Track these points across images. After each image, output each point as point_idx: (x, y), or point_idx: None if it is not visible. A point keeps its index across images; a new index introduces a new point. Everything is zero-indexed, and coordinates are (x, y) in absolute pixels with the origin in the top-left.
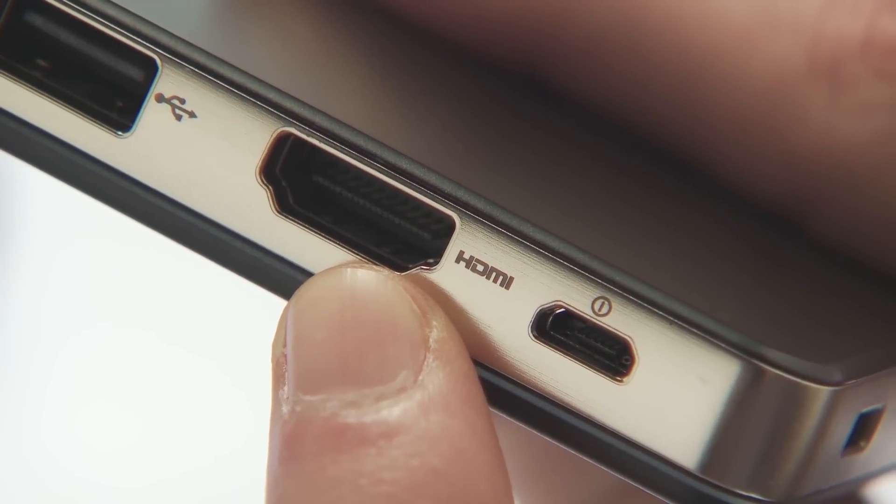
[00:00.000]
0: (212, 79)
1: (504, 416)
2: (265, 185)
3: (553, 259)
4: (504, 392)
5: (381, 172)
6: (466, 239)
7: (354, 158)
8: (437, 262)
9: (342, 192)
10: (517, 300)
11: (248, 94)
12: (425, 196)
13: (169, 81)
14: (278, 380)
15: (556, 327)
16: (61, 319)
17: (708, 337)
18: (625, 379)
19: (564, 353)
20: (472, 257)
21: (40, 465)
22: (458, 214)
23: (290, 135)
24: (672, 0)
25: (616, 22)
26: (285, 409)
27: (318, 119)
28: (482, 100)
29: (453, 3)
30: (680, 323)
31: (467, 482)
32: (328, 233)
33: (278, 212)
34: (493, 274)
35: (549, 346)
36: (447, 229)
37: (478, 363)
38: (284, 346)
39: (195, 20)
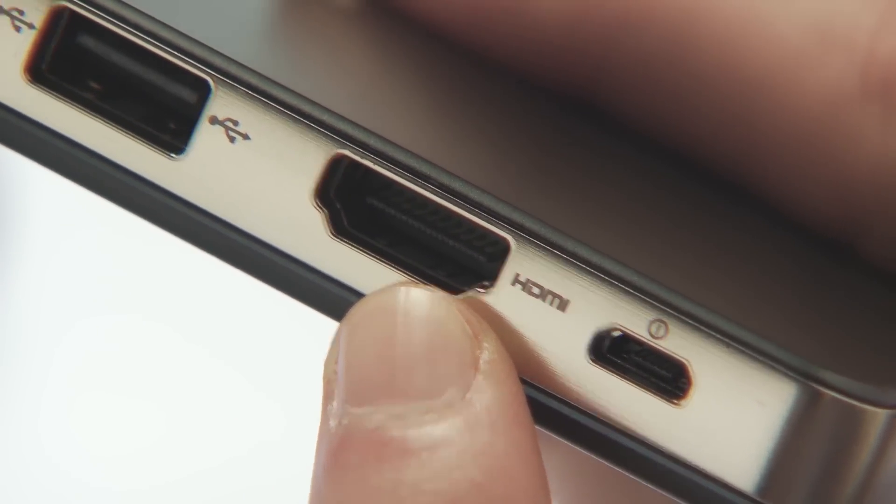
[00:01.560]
0: (266, 101)
1: (560, 439)
2: (320, 207)
3: (609, 282)
4: (560, 415)
5: (435, 194)
6: (522, 261)
7: (409, 181)
8: (492, 285)
9: (396, 214)
10: (573, 323)
11: (302, 117)
12: (480, 218)
13: (222, 103)
14: (328, 396)
15: (612, 350)
16: (60, 313)
17: (765, 360)
18: (681, 402)
19: (621, 377)
20: (527, 280)
21: (37, 463)
22: (513, 237)
23: (344, 157)
24: (725, 21)
25: (669, 43)
26: (333, 422)
27: (372, 141)
28: (535, 121)
29: (508, 27)
30: (737, 346)
31: (508, 499)
32: (383, 255)
33: (333, 235)
34: (549, 296)
35: (606, 369)
36: (502, 252)
37: (533, 386)
38: (336, 362)
39: (247, 41)
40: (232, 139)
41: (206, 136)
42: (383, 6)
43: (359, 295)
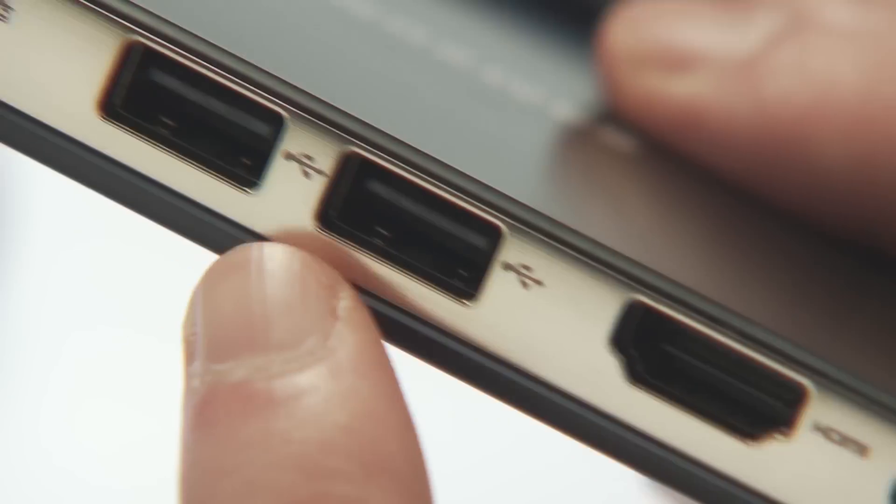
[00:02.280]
0: (561, 247)
1: None
2: (615, 353)
3: None
4: None
5: (733, 340)
6: (821, 408)
7: (706, 326)
8: (790, 431)
9: (692, 360)
10: (873, 469)
11: (597, 262)
12: (778, 364)
13: (514, 249)
14: (189, 357)
15: None
16: (62, 319)
17: None
18: None
19: None
20: (827, 427)
21: (38, 465)
22: (813, 383)
23: (640, 303)
24: None
25: None
26: (196, 382)
27: (667, 287)
28: (820, 263)
29: (791, 172)
30: None
31: (378, 438)
32: (681, 402)
33: (630, 381)
34: (849, 443)
35: None
36: (798, 397)
37: None
38: (194, 323)
39: (528, 183)
40: (525, 285)
41: (499, 283)
42: (664, 150)
43: (659, 444)
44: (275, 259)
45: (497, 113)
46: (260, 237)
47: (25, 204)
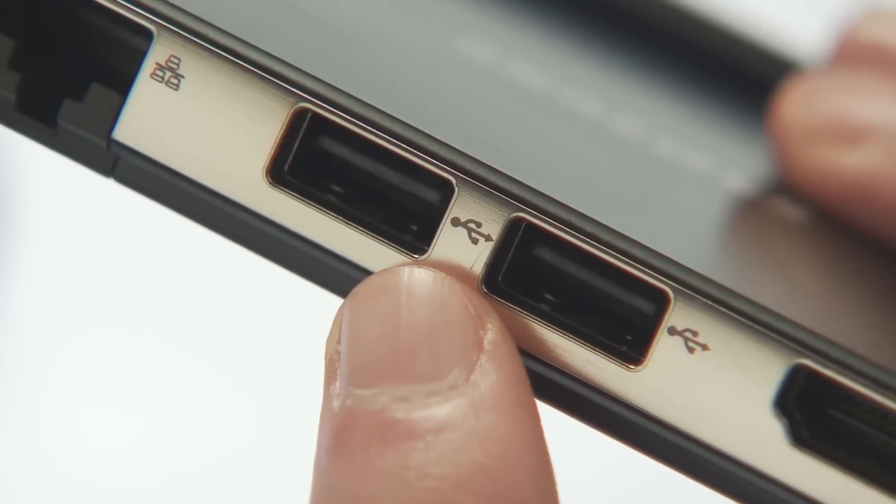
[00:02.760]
0: (727, 311)
1: None
2: (780, 417)
3: None
4: None
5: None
6: None
7: (870, 390)
8: None
9: (856, 424)
10: None
11: (762, 326)
12: None
13: (681, 314)
14: (330, 376)
15: None
16: (64, 322)
17: None
18: None
19: None
20: None
21: (41, 468)
22: None
23: (804, 367)
24: None
25: None
26: (336, 403)
27: (831, 350)
28: None
29: None
30: None
31: (513, 481)
32: (845, 466)
33: (794, 445)
34: None
35: None
36: None
37: None
38: (338, 342)
39: (691, 247)
40: (691, 350)
41: (664, 347)
42: (833, 221)
43: None
44: (423, 285)
45: (666, 182)
46: None
47: (26, 207)
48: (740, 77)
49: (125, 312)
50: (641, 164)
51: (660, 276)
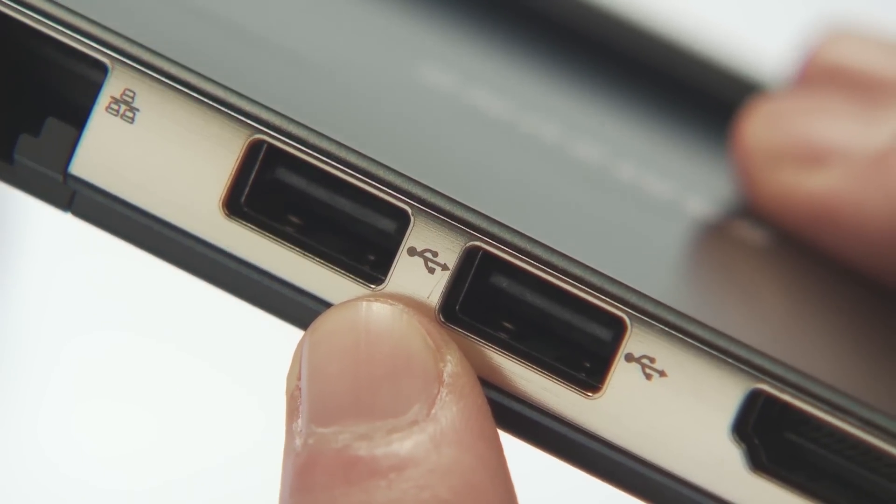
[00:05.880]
0: (682, 337)
1: None
2: (738, 442)
3: None
4: None
5: (855, 427)
6: None
7: (828, 414)
8: None
9: (815, 448)
10: None
11: (719, 352)
12: None
13: (637, 340)
14: (292, 413)
15: None
16: (62, 323)
17: None
18: None
19: None
20: None
21: (39, 470)
22: None
23: (762, 392)
24: None
25: None
26: (298, 441)
27: (789, 375)
28: None
29: None
30: None
31: None
32: (804, 491)
33: (753, 470)
34: None
35: None
36: None
37: None
38: (299, 378)
39: (652, 275)
40: (648, 376)
41: (622, 374)
42: (796, 243)
43: None
44: (381, 320)
45: (629, 208)
46: None
47: (27, 210)
48: (701, 99)
49: (128, 312)
50: (602, 190)
51: (616, 303)
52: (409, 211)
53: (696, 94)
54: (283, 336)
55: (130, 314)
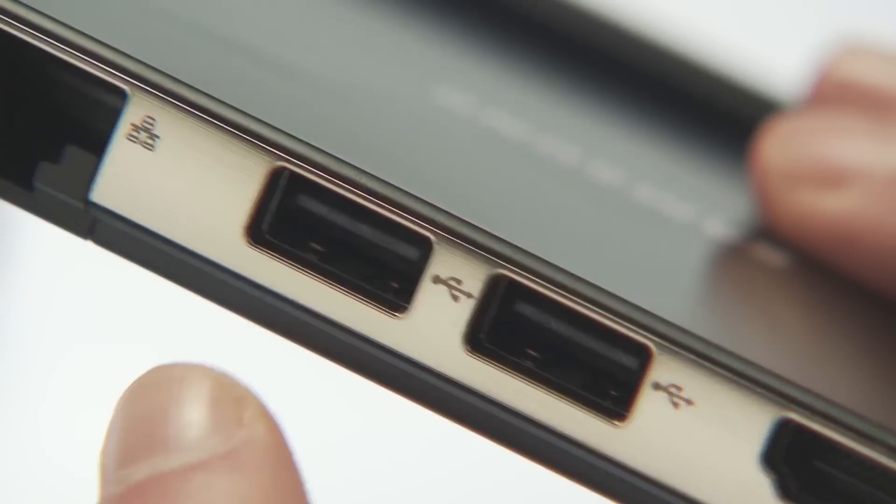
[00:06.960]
0: (710, 366)
1: None
2: (767, 471)
3: None
4: None
5: (884, 456)
6: None
7: (858, 443)
8: None
9: (844, 477)
10: None
11: (747, 380)
12: None
13: (664, 368)
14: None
15: None
16: (63, 328)
17: None
18: None
19: None
20: None
21: (41, 470)
22: None
23: (791, 420)
24: None
25: None
26: (107, 490)
27: (818, 404)
28: None
29: None
30: None
31: None
32: None
33: (782, 499)
34: None
35: None
36: None
37: None
38: (105, 453)
39: (676, 300)
40: (675, 405)
41: (648, 402)
42: (817, 265)
43: None
44: (185, 378)
45: (648, 231)
46: (409, 361)
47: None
48: (719, 118)
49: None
50: (621, 213)
51: (642, 332)
52: (432, 238)
53: (713, 114)
54: (284, 351)
55: (132, 324)
